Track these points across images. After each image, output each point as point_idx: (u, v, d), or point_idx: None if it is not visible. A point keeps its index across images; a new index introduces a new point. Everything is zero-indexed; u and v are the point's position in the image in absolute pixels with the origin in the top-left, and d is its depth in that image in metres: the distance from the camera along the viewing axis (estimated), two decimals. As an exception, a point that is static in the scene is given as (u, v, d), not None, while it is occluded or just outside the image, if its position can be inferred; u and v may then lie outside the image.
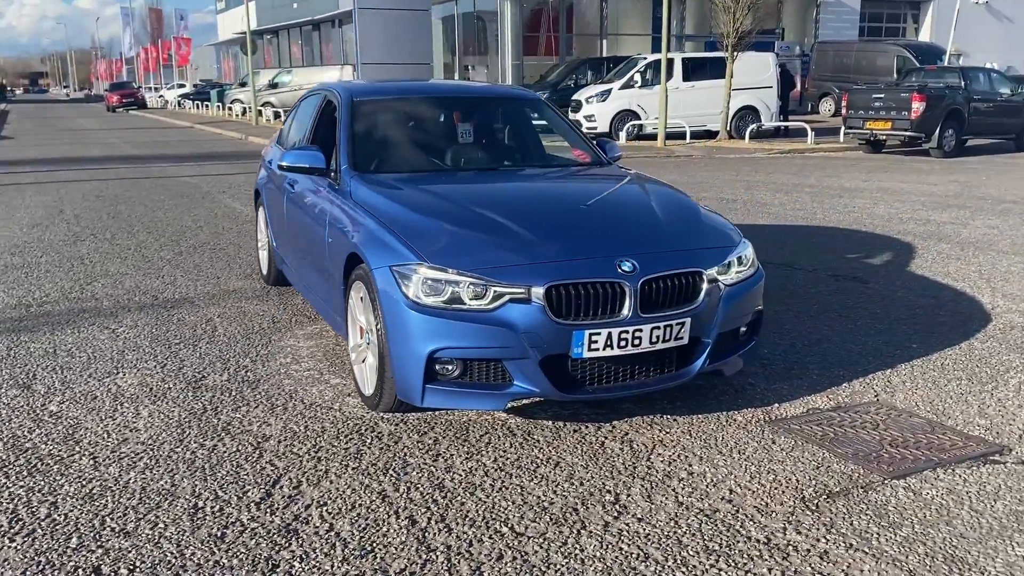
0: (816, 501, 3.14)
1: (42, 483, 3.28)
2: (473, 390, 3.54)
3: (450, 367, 3.51)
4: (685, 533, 2.92)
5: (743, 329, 3.95)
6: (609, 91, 20.76)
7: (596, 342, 3.46)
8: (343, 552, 2.81)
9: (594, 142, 5.41)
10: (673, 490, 3.22)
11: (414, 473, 3.37)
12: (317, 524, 2.98)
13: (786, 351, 4.87)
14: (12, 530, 2.94)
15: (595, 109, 20.57)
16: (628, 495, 3.18)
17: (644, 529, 2.94)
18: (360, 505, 3.12)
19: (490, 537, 2.89)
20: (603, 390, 3.60)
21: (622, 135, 20.21)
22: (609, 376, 3.60)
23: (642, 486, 3.25)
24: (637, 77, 20.81)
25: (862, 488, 3.24)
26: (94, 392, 4.26)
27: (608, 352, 3.49)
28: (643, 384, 3.64)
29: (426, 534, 2.92)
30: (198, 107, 42.04)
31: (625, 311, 3.48)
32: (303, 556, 2.78)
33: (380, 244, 3.76)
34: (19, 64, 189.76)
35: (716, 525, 2.96)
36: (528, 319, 3.42)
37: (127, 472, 3.37)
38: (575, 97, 21.47)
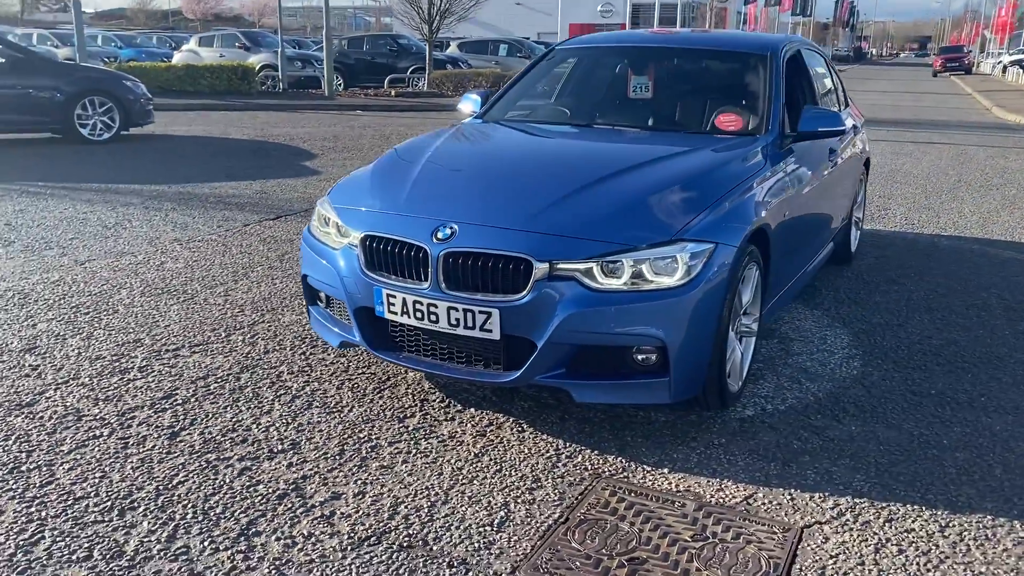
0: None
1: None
2: (327, 323, 3.64)
3: (320, 296, 3.67)
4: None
5: (642, 357, 3.11)
6: None
7: (394, 305, 3.24)
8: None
9: (818, 112, 4.22)
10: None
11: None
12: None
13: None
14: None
15: None
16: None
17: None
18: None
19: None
20: (413, 360, 3.33)
21: None
22: (423, 348, 3.31)
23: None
24: None
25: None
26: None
27: (406, 320, 3.23)
28: (452, 369, 3.25)
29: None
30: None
31: (427, 281, 3.16)
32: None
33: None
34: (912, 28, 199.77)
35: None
36: (348, 265, 3.39)
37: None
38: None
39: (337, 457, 3.04)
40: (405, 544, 2.54)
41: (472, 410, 3.44)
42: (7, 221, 6.57)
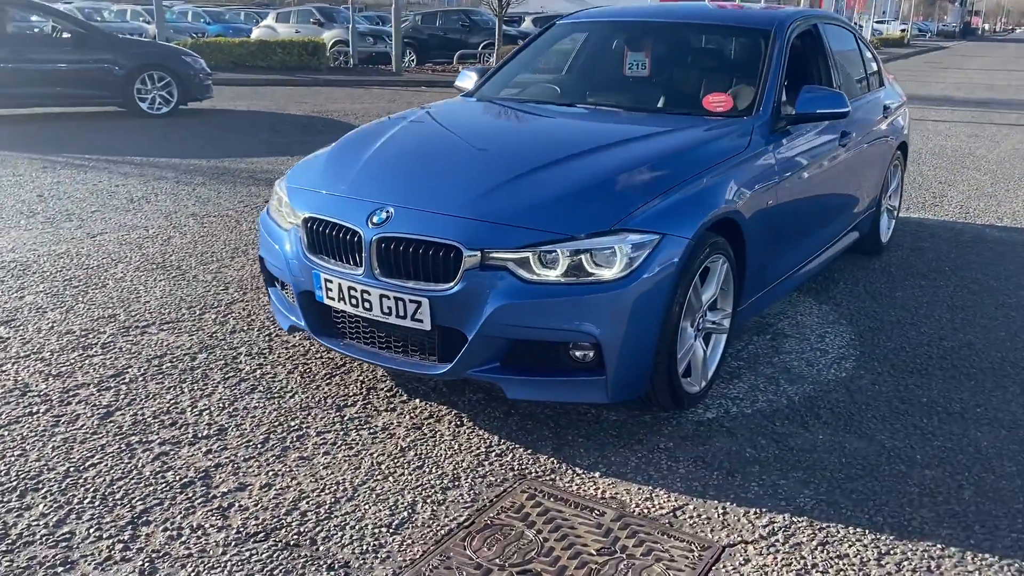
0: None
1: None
2: (279, 306, 3.57)
3: (275, 278, 3.60)
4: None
5: (579, 353, 2.93)
6: None
7: (331, 290, 3.14)
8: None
9: (816, 95, 3.85)
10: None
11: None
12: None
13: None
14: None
15: None
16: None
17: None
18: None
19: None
20: (353, 348, 3.22)
21: None
22: (363, 336, 3.20)
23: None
24: None
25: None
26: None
27: (342, 306, 3.12)
28: (388, 359, 3.13)
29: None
30: None
31: (361, 266, 3.04)
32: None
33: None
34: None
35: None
36: (294, 247, 3.30)
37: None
38: None
39: (259, 446, 2.96)
40: (292, 542, 2.44)
41: (416, 401, 3.32)
42: (40, 193, 6.74)
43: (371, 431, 3.08)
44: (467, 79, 4.81)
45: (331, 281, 3.12)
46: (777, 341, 4.05)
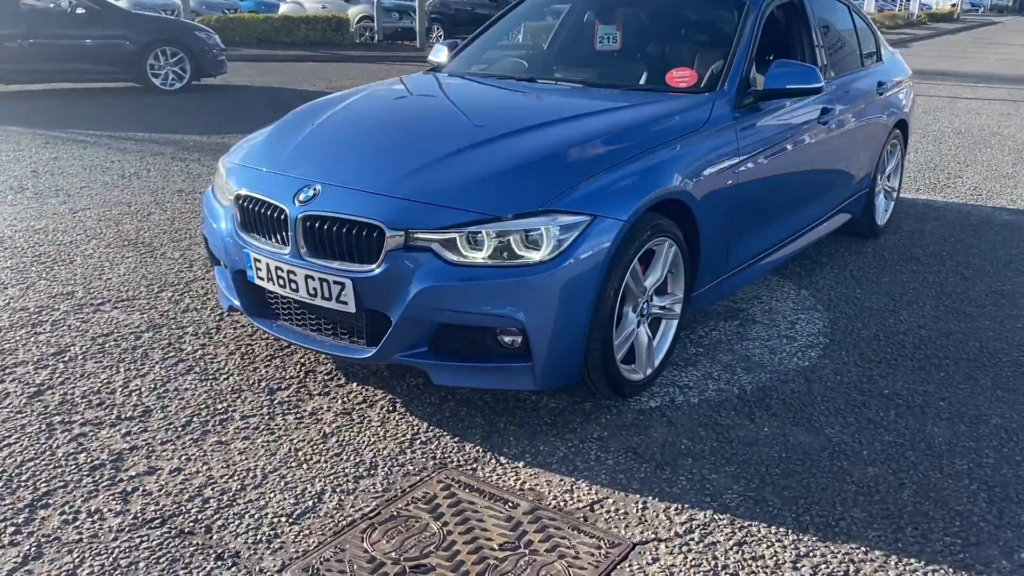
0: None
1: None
2: (221, 285, 3.50)
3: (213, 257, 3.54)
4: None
5: (508, 339, 2.82)
6: None
7: (260, 270, 3.06)
8: None
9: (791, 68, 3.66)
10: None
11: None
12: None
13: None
14: None
15: None
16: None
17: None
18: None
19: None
20: (286, 330, 3.14)
21: None
22: (295, 317, 3.12)
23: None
24: None
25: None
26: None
27: (271, 286, 3.05)
28: (317, 342, 3.04)
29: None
30: None
31: (288, 245, 2.95)
32: None
33: None
34: None
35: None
36: (228, 225, 3.22)
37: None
38: None
39: (180, 429, 2.90)
40: (187, 530, 2.38)
41: (353, 385, 3.24)
42: (35, 168, 6.76)
43: (298, 416, 3.01)
44: (440, 53, 4.68)
45: (260, 260, 3.04)
46: (744, 327, 3.89)
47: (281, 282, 3.00)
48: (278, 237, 3.00)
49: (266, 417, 3.00)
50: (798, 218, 4.25)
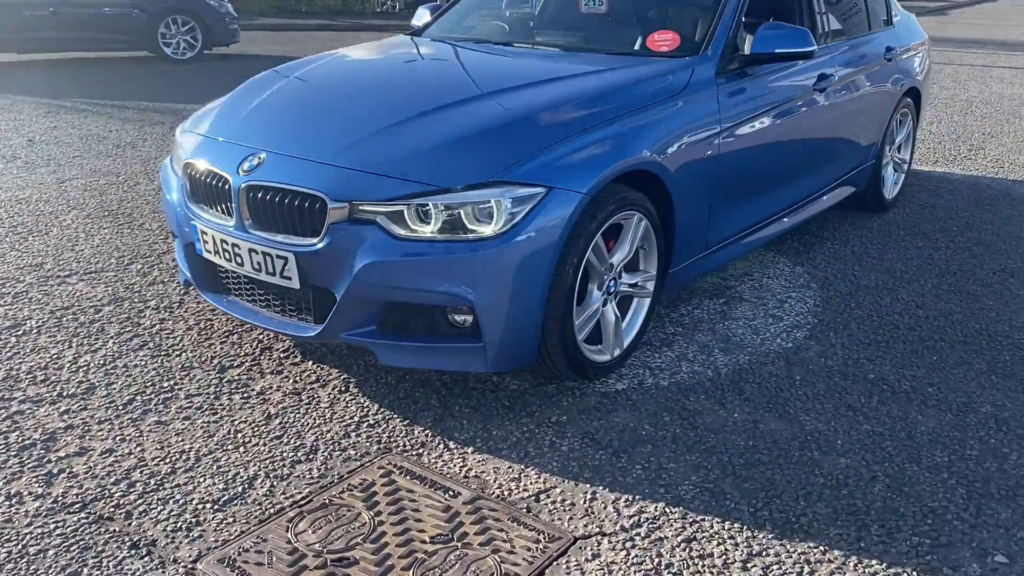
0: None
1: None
2: (178, 258, 3.37)
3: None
4: None
5: (460, 318, 2.67)
6: None
7: (207, 242, 2.93)
8: None
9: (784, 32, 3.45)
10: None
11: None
12: None
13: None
14: None
15: None
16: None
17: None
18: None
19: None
20: (236, 305, 3.01)
21: None
22: (245, 292, 2.99)
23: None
24: None
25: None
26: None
27: (218, 260, 2.92)
28: (267, 320, 2.91)
29: None
30: None
31: (233, 217, 2.82)
32: None
33: None
34: None
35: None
36: (179, 197, 3.09)
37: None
38: None
39: (121, 408, 2.79)
40: (106, 515, 2.27)
41: (309, 364, 3.11)
42: (31, 138, 6.70)
43: (244, 395, 2.89)
44: (422, 17, 4.50)
45: (207, 233, 2.91)
46: (730, 305, 3.70)
47: (227, 255, 2.87)
48: (222, 207, 2.86)
49: (211, 396, 2.88)
50: (792, 191, 4.03)
